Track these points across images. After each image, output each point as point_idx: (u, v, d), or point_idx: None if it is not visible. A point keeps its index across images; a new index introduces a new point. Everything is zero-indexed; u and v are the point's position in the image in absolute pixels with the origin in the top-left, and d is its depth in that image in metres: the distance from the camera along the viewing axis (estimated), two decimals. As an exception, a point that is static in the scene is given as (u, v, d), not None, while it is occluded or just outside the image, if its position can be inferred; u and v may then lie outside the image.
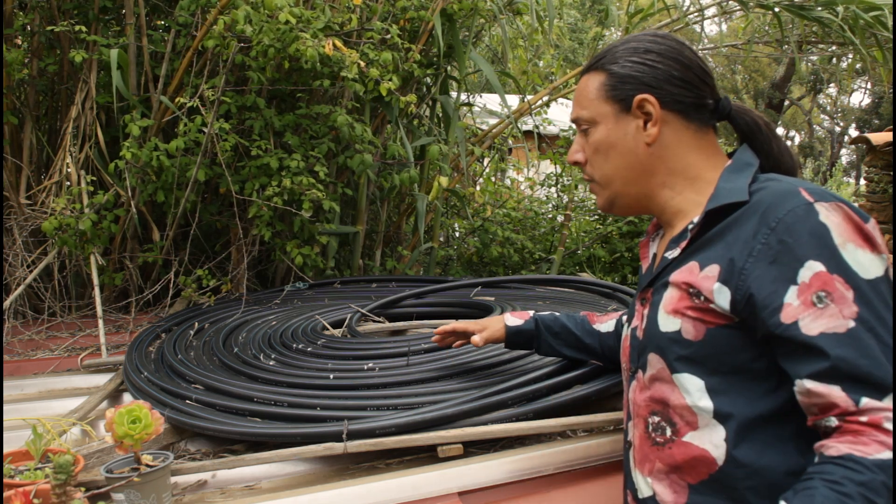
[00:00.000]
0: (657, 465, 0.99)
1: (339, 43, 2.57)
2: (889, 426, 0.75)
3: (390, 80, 2.70)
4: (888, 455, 0.74)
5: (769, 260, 0.85)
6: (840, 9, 3.43)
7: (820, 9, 3.54)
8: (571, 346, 1.51)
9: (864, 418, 0.77)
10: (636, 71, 1.02)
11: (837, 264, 0.82)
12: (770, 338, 0.86)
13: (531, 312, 1.55)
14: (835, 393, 0.79)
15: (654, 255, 1.12)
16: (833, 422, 0.80)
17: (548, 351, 1.54)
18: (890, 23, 3.47)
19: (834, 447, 0.79)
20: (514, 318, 1.54)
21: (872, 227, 0.86)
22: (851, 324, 0.80)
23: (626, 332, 1.13)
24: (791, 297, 0.83)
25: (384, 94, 2.68)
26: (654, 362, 0.99)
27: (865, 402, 0.77)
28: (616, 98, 1.03)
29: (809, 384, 0.82)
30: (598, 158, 1.06)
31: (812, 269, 0.83)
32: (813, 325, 0.81)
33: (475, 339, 1.55)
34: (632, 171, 1.04)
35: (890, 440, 0.74)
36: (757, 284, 0.85)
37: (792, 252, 0.84)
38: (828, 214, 0.85)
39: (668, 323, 0.96)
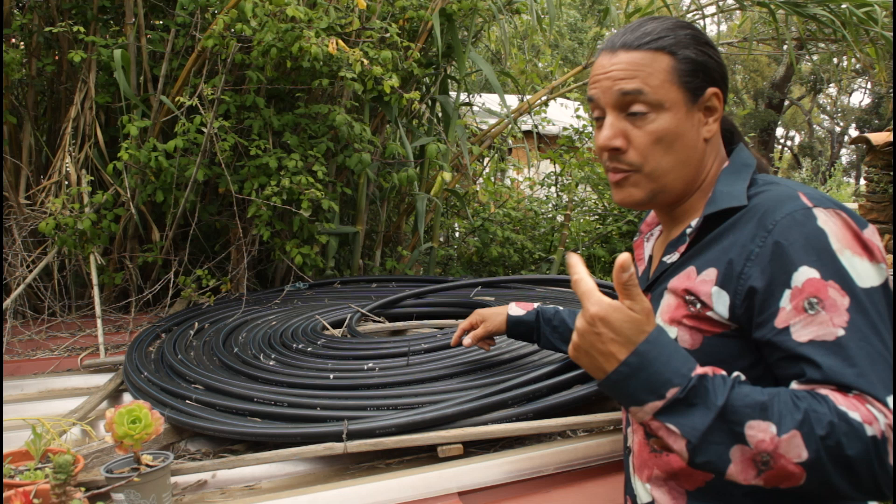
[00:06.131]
0: (655, 472, 0.98)
1: (341, 42, 2.57)
2: (872, 410, 0.75)
3: (391, 77, 2.70)
4: (855, 415, 0.74)
5: (766, 263, 0.84)
6: (845, 6, 3.46)
7: (814, 5, 3.56)
8: (566, 341, 1.52)
9: (850, 394, 0.77)
10: (709, 62, 0.96)
11: (833, 270, 0.81)
12: (763, 343, 0.85)
13: (535, 304, 1.56)
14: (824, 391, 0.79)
15: (651, 256, 1.11)
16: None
17: (546, 344, 1.55)
18: (880, 18, 3.50)
19: (818, 389, 0.79)
20: (517, 309, 1.56)
21: (871, 234, 0.84)
22: (840, 332, 0.79)
23: None
24: (784, 301, 0.82)
25: (388, 92, 2.67)
26: None
27: (856, 392, 0.77)
28: (688, 86, 0.94)
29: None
30: (656, 149, 0.94)
31: (806, 274, 0.81)
32: (803, 331, 0.81)
33: (466, 340, 1.60)
34: (688, 166, 0.96)
35: (866, 412, 0.74)
36: (755, 288, 0.85)
37: (787, 256, 0.83)
38: (826, 220, 0.83)
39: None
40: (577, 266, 0.82)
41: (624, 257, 0.76)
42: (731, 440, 0.75)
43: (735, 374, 0.80)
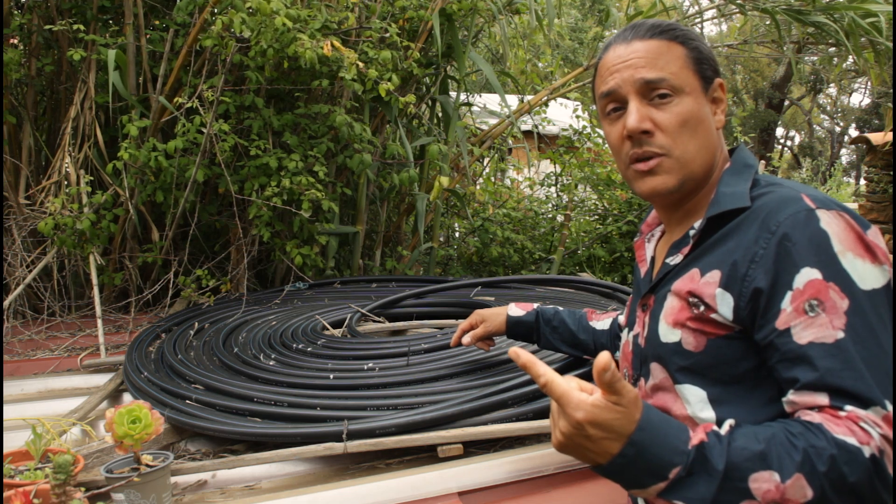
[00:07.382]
0: None
1: (337, 43, 2.57)
2: (867, 427, 0.75)
3: (389, 79, 2.69)
4: (853, 441, 0.74)
5: (770, 265, 0.84)
6: (845, 16, 3.46)
7: (817, 13, 3.56)
8: (566, 342, 1.52)
9: (843, 414, 0.78)
10: (711, 55, 0.99)
11: (835, 272, 0.81)
12: (764, 345, 0.85)
13: (535, 305, 1.56)
14: (819, 400, 0.80)
15: (653, 258, 1.10)
16: (814, 411, 0.81)
17: (546, 345, 1.55)
18: (884, 28, 3.50)
19: (811, 416, 0.79)
20: (516, 309, 1.56)
21: (874, 235, 0.84)
22: (840, 334, 0.79)
23: (626, 336, 1.11)
24: (786, 303, 0.82)
25: (383, 95, 2.68)
26: (657, 372, 0.98)
27: (849, 409, 0.77)
28: (701, 74, 0.97)
29: (795, 396, 0.82)
30: (683, 132, 0.94)
31: (807, 275, 0.81)
32: (803, 333, 0.81)
33: (465, 339, 1.60)
34: (709, 151, 0.97)
35: (861, 432, 0.75)
36: (760, 290, 0.84)
37: (790, 257, 0.83)
38: (829, 221, 0.83)
39: (668, 334, 0.95)
40: (537, 365, 0.76)
41: (604, 358, 0.71)
42: (738, 498, 0.75)
43: (727, 424, 0.80)
